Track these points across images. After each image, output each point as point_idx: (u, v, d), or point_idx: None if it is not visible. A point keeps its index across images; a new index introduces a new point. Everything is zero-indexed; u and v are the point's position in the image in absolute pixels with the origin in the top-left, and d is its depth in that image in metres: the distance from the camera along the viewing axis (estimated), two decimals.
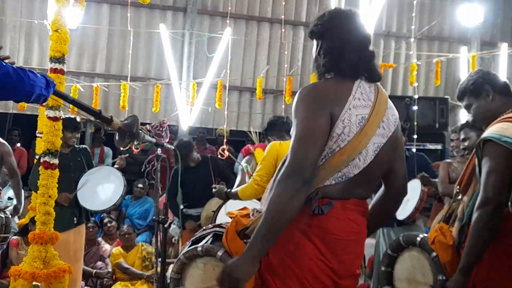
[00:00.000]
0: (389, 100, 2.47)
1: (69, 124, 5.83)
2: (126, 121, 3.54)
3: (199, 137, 9.33)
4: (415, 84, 8.13)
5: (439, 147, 8.65)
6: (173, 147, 4.00)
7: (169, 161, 5.16)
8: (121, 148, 8.51)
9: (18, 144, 9.16)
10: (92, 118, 6.69)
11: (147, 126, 8.61)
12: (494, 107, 3.01)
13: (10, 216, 5.92)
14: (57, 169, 3.97)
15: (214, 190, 4.87)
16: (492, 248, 2.73)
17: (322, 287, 2.31)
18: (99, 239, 7.92)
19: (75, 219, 5.90)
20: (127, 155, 7.22)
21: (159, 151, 3.86)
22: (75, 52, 9.31)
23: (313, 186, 2.29)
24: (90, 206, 5.85)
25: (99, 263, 7.37)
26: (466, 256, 2.82)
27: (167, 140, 8.67)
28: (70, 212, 5.85)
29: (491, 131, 2.85)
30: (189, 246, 2.63)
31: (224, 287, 2.26)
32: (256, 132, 6.08)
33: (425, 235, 3.28)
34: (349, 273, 2.39)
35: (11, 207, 6.39)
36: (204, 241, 2.61)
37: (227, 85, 8.49)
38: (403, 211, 6.02)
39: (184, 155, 6.50)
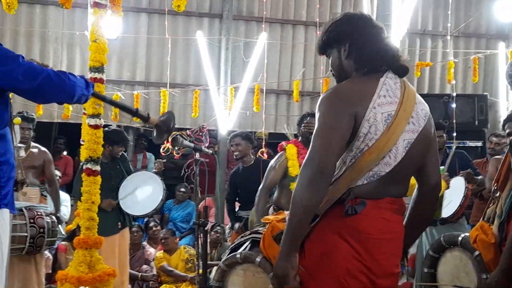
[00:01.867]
0: (417, 95, 2.46)
1: (118, 138, 6.02)
2: (162, 117, 3.65)
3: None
4: (453, 82, 8.05)
5: (479, 144, 8.56)
6: (211, 152, 4.09)
7: (209, 165, 5.27)
8: (162, 154, 8.66)
9: (65, 153, 9.40)
10: (136, 123, 6.83)
11: (187, 131, 8.73)
12: None
13: (56, 221, 6.11)
14: (99, 176, 4.09)
15: None
16: None
17: (360, 286, 2.33)
18: (144, 243, 8.09)
19: (119, 224, 6.08)
20: (165, 160, 7.37)
21: (197, 155, 3.96)
22: (115, 61, 9.51)
23: (345, 186, 2.32)
24: (132, 211, 6.01)
25: (145, 267, 7.54)
26: (507, 256, 2.80)
27: (206, 144, 8.77)
28: (114, 217, 6.03)
29: None
30: (228, 254, 2.69)
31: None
32: (291, 133, 6.12)
33: (466, 234, 3.26)
34: (386, 271, 2.40)
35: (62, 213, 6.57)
36: (242, 248, 2.67)
37: (264, 88, 8.57)
38: (447, 209, 5.97)
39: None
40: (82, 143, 5.75)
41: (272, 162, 5.41)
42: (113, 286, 5.85)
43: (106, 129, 6.21)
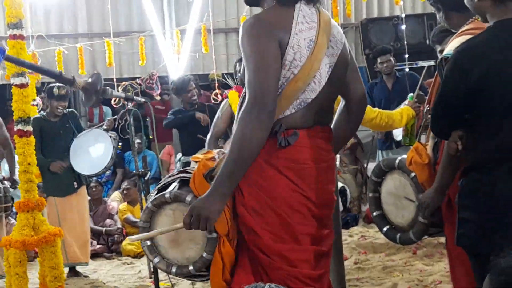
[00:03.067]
0: (331, 18, 2.44)
1: (53, 93, 5.83)
2: (89, 80, 3.51)
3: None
4: (401, 3, 7.93)
5: (431, 63, 8.54)
6: (143, 99, 3.97)
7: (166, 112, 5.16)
8: (114, 106, 8.50)
9: None
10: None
11: (137, 80, 8.54)
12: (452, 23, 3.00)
13: (8, 186, 5.99)
14: (32, 136, 3.95)
15: None
16: None
17: (301, 217, 2.33)
18: (105, 198, 8.03)
19: (75, 183, 5.99)
20: (115, 117, 7.23)
21: (129, 105, 3.84)
22: (55, 15, 9.19)
23: (277, 116, 2.28)
24: (84, 171, 5.92)
25: (108, 221, 7.50)
26: (439, 175, 2.82)
27: (158, 91, 8.62)
28: (68, 177, 5.94)
29: (448, 49, 2.82)
30: (156, 194, 2.62)
31: (194, 228, 2.27)
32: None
33: (403, 156, 3.29)
34: (324, 200, 2.41)
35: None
36: (171, 187, 2.60)
37: (211, 28, 8.34)
38: (400, 131, 5.99)
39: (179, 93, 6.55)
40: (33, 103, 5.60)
41: (218, 111, 5.34)
42: (76, 246, 5.86)
43: (50, 85, 6.03)
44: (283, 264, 2.29)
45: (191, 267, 2.49)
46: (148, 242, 2.56)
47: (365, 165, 7.94)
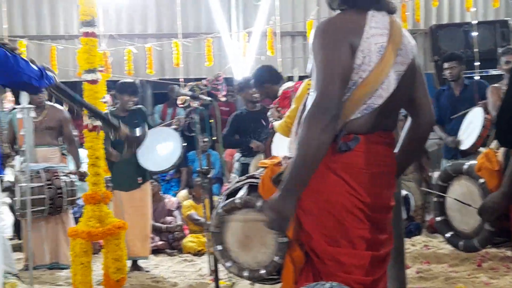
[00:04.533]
0: (403, 27, 2.42)
1: (126, 88, 5.99)
2: (136, 133, 3.61)
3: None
4: (473, 9, 7.76)
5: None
6: (210, 99, 4.01)
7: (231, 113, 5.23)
8: (180, 106, 8.64)
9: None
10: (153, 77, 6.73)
11: (203, 81, 8.65)
12: None
13: (74, 180, 6.18)
14: (102, 131, 4.06)
15: (269, 112, 4.81)
16: None
17: (356, 221, 2.32)
18: (164, 194, 8.14)
19: (139, 179, 6.11)
20: (184, 116, 7.36)
21: (196, 103, 3.90)
22: (126, 15, 9.43)
23: (340, 121, 2.27)
24: (151, 167, 6.04)
25: (168, 218, 7.61)
26: (507, 179, 2.75)
27: (224, 93, 8.70)
28: (133, 172, 6.06)
29: None
30: (225, 200, 2.66)
31: (275, 229, 2.33)
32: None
33: (472, 162, 3.22)
34: (380, 205, 2.39)
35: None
36: (240, 193, 2.64)
37: (278, 31, 8.37)
38: (467, 141, 5.87)
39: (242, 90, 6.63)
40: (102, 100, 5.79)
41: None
42: (137, 240, 5.98)
43: (120, 81, 6.21)
44: (336, 269, 2.29)
45: (262, 271, 2.54)
46: (220, 247, 2.63)
47: (430, 174, 7.79)
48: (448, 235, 3.22)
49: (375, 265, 2.38)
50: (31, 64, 2.88)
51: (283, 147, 4.67)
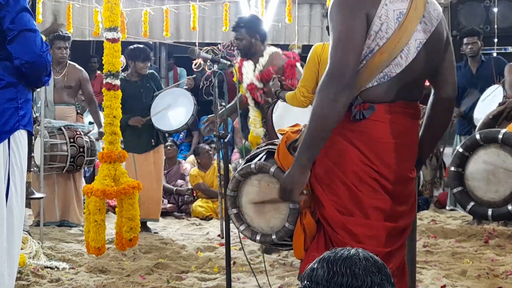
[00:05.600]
0: None
1: (140, 54, 5.98)
2: None
3: None
4: None
5: None
6: (229, 62, 4.00)
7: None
8: (194, 70, 8.61)
9: (99, 72, 9.43)
10: (168, 39, 6.66)
11: (219, 46, 8.60)
12: None
13: (94, 140, 6.22)
14: (120, 90, 4.07)
15: (271, 81, 4.56)
16: None
17: (371, 191, 2.32)
18: (179, 159, 8.19)
19: (152, 141, 6.15)
20: (194, 75, 7.34)
21: (215, 67, 3.89)
22: None
23: (356, 89, 2.26)
24: (164, 127, 6.06)
25: (180, 181, 7.67)
26: None
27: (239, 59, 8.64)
28: (147, 135, 6.11)
29: None
30: (243, 164, 2.69)
31: (286, 200, 2.38)
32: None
33: (507, 130, 3.17)
34: (399, 176, 2.36)
35: (94, 131, 6.67)
36: (257, 158, 2.67)
37: None
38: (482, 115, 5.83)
39: None
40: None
41: None
42: (149, 202, 6.03)
43: (131, 46, 6.18)
44: (347, 238, 2.28)
45: (274, 236, 2.56)
46: (235, 210, 2.67)
47: (441, 149, 7.76)
48: (470, 205, 3.18)
49: (393, 236, 2.38)
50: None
51: (287, 117, 4.62)
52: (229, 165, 4.45)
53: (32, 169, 3.30)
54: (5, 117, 2.79)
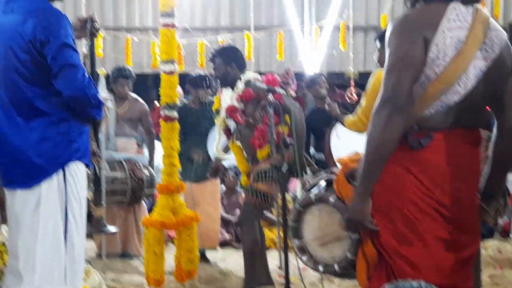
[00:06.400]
0: (492, 21, 2.30)
1: (201, 82, 6.06)
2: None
3: (328, 82, 9.23)
4: None
5: None
6: (283, 92, 3.98)
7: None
8: None
9: (157, 104, 9.59)
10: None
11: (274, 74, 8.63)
12: None
13: (154, 173, 6.29)
14: (177, 122, 4.10)
15: (328, 106, 4.67)
16: None
17: (429, 219, 2.26)
18: (238, 188, 8.17)
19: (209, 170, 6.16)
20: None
21: (270, 96, 3.88)
22: (199, 8, 9.53)
23: (412, 116, 2.22)
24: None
25: (238, 211, 7.63)
26: None
27: (293, 87, 8.64)
28: (205, 165, 6.11)
29: None
30: (304, 195, 2.70)
31: (353, 231, 2.36)
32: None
33: None
34: (459, 204, 2.29)
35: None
36: (315, 188, 2.66)
37: (351, 25, 8.27)
38: None
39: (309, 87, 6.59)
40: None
41: None
42: (205, 233, 6.04)
43: (193, 74, 6.27)
44: (406, 268, 2.24)
45: (336, 266, 2.55)
46: (297, 241, 2.66)
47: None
48: None
49: (455, 267, 2.30)
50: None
51: (346, 142, 4.55)
52: (287, 194, 4.42)
53: (102, 203, 3.34)
54: (58, 150, 2.85)
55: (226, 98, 4.74)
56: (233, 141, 4.77)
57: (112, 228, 3.41)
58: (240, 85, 4.54)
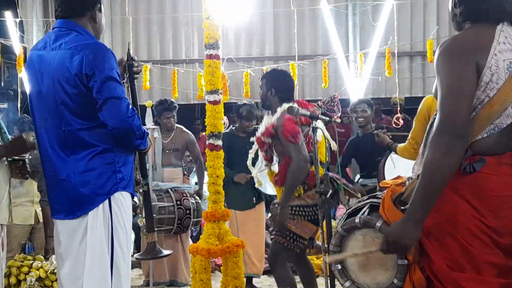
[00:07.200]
0: None
1: (246, 114, 6.13)
2: None
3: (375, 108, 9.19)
4: None
5: None
6: (327, 118, 4.00)
7: (346, 135, 5.14)
8: None
9: (203, 133, 9.74)
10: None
11: (319, 102, 8.64)
12: None
13: (200, 201, 6.35)
14: (222, 150, 4.15)
15: (376, 137, 4.64)
16: None
17: (482, 245, 2.22)
18: None
19: (254, 199, 6.19)
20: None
21: (314, 123, 3.89)
22: (244, 39, 9.65)
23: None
24: (267, 190, 6.08)
25: None
26: None
27: (339, 114, 8.64)
28: (248, 192, 6.15)
29: None
30: (345, 219, 2.65)
31: (391, 253, 2.31)
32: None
33: None
34: (510, 230, 2.25)
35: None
36: (361, 213, 2.61)
37: (396, 51, 8.25)
38: None
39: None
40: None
41: None
42: (251, 261, 6.04)
43: (239, 104, 6.35)
44: None
45: None
46: (339, 266, 2.61)
47: None
48: None
49: None
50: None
51: (399, 168, 4.49)
52: (333, 220, 4.39)
53: (156, 230, 3.37)
54: (103, 180, 2.91)
55: (264, 123, 4.69)
56: (270, 169, 4.65)
57: (166, 251, 3.42)
58: (277, 114, 4.38)
